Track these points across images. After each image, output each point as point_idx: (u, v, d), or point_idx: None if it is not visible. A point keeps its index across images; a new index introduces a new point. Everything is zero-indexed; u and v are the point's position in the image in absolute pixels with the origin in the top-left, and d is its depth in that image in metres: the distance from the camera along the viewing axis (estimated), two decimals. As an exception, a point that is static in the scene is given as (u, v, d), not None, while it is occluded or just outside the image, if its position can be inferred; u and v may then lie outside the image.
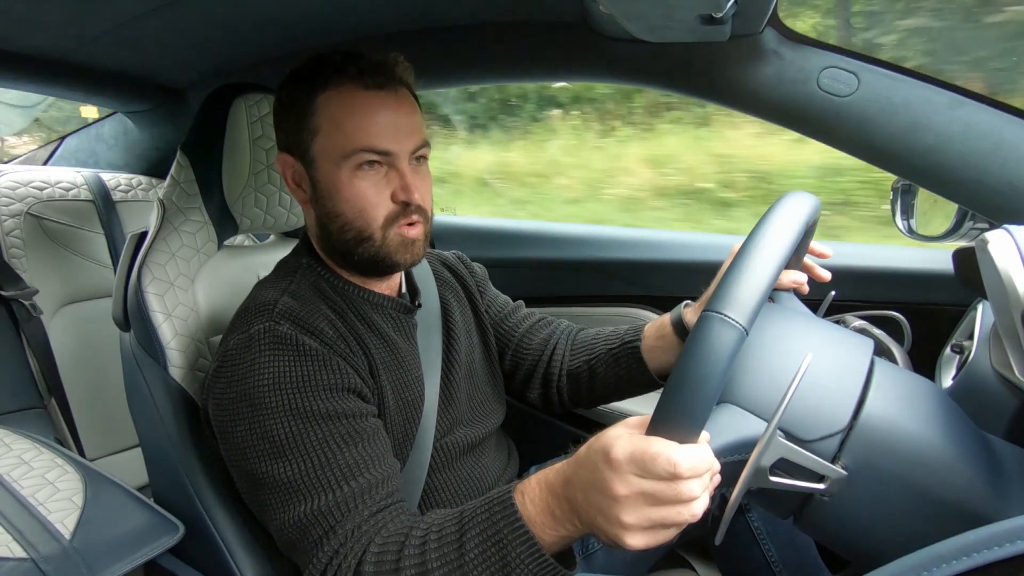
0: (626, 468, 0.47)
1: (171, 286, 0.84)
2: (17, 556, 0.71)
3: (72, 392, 1.30)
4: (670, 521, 0.48)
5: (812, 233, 0.71)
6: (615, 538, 0.49)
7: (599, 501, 0.49)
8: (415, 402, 0.77)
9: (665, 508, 0.47)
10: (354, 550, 0.60)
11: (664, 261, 1.28)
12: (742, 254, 0.48)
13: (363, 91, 0.69)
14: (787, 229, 0.50)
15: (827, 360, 0.56)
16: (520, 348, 0.95)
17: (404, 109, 0.72)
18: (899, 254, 1.14)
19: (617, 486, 0.47)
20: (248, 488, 0.68)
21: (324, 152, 0.70)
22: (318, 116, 0.70)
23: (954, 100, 0.76)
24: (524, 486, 0.56)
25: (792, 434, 0.53)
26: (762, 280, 0.46)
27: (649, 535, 0.48)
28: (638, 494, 0.47)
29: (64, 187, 1.37)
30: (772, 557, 0.89)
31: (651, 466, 0.46)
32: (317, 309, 0.71)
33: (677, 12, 0.74)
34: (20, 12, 0.92)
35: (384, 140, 0.69)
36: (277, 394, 0.64)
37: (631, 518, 0.48)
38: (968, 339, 0.80)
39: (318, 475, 0.63)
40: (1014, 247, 0.52)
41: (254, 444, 0.64)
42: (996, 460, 0.54)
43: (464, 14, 1.01)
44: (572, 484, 0.52)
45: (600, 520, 0.50)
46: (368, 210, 0.71)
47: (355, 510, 0.62)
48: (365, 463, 0.65)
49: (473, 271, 0.99)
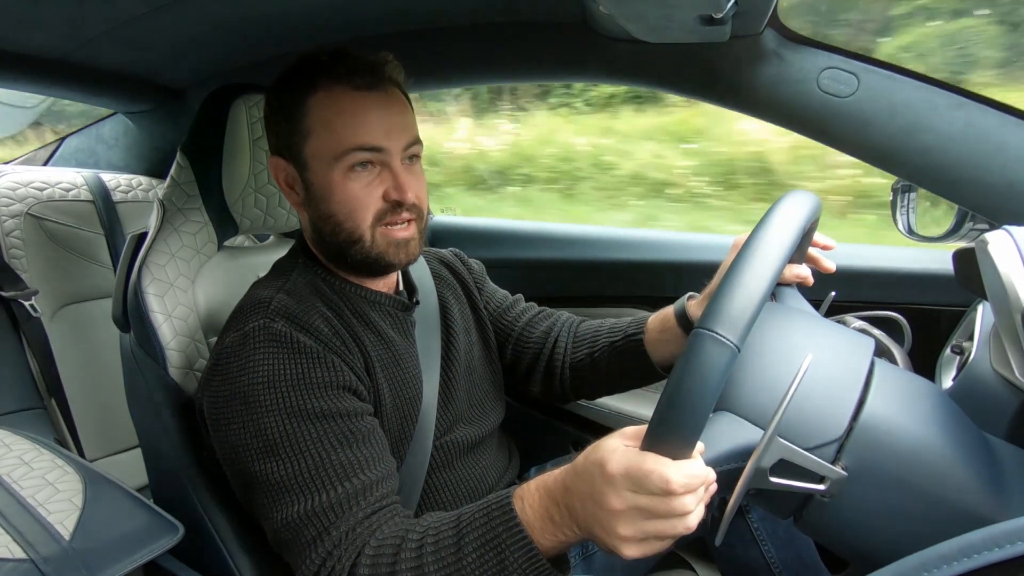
0: (620, 483, 0.48)
1: (171, 287, 0.84)
2: (17, 557, 0.70)
3: (72, 393, 1.30)
4: (664, 534, 0.49)
5: (814, 230, 0.71)
6: (612, 548, 0.50)
7: (596, 512, 0.50)
8: (413, 400, 0.77)
9: (659, 522, 0.48)
10: (348, 552, 0.60)
11: (664, 262, 1.28)
12: (736, 265, 0.48)
13: (352, 91, 0.69)
14: (783, 236, 0.50)
15: (826, 363, 0.56)
16: (521, 341, 0.94)
17: (395, 108, 0.72)
18: (899, 255, 1.14)
19: (612, 500, 0.48)
20: (242, 487, 0.68)
21: (316, 154, 0.70)
22: (309, 118, 0.70)
23: (954, 101, 0.76)
24: (523, 491, 0.56)
25: (793, 441, 0.53)
26: (755, 295, 0.46)
27: (644, 546, 0.49)
28: (632, 508, 0.48)
29: (64, 188, 1.37)
30: (771, 558, 0.89)
31: (645, 483, 0.47)
32: (313, 306, 0.71)
33: (677, 12, 0.74)
34: (20, 12, 0.92)
35: (375, 137, 0.69)
36: (272, 392, 0.64)
37: (626, 530, 0.49)
38: (968, 340, 0.80)
39: (312, 475, 0.62)
40: (1014, 248, 0.52)
41: (248, 442, 0.64)
42: (996, 461, 0.54)
43: (464, 14, 1.01)
44: (571, 492, 0.53)
45: (597, 529, 0.50)
46: (358, 211, 0.71)
47: (350, 512, 0.62)
48: (360, 464, 0.64)
49: (471, 268, 0.99)
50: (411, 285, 0.86)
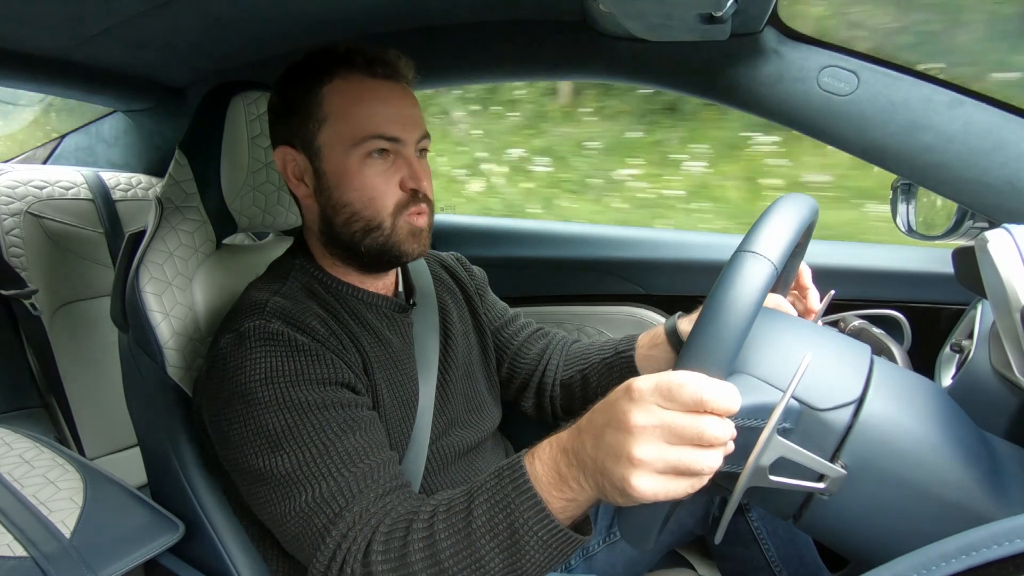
0: (648, 398, 0.45)
1: (169, 286, 0.83)
2: (18, 555, 0.71)
3: (72, 391, 1.30)
4: (684, 466, 0.45)
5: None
6: (621, 482, 0.46)
7: (611, 439, 0.46)
8: (410, 401, 0.77)
9: (683, 449, 0.45)
10: (363, 533, 0.58)
11: (664, 260, 1.28)
12: (775, 204, 0.53)
13: (371, 80, 0.71)
14: (807, 199, 0.54)
15: (831, 348, 0.57)
16: (517, 359, 0.95)
17: (408, 100, 0.73)
18: (899, 253, 1.14)
19: (635, 416, 0.45)
20: (248, 486, 0.67)
21: (332, 141, 0.71)
22: (324, 106, 0.70)
23: (954, 99, 0.76)
24: (537, 448, 0.53)
25: (807, 403, 0.53)
26: (792, 222, 0.50)
27: (659, 482, 0.45)
28: (656, 426, 0.45)
29: (64, 186, 1.37)
30: (772, 557, 0.89)
31: (676, 393, 0.44)
32: (309, 308, 0.71)
33: (677, 11, 0.74)
34: (19, 10, 0.91)
35: (393, 127, 0.70)
36: (270, 388, 0.63)
37: (645, 453, 0.45)
38: (968, 338, 0.80)
39: (317, 464, 0.61)
40: (1014, 246, 0.52)
41: (250, 440, 0.63)
42: (996, 459, 0.55)
43: (464, 12, 1.01)
44: (583, 433, 0.50)
45: (609, 463, 0.46)
46: (378, 199, 0.71)
47: (360, 494, 0.60)
48: (365, 450, 0.63)
49: (473, 274, 0.98)
50: (409, 286, 0.86)
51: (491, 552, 0.52)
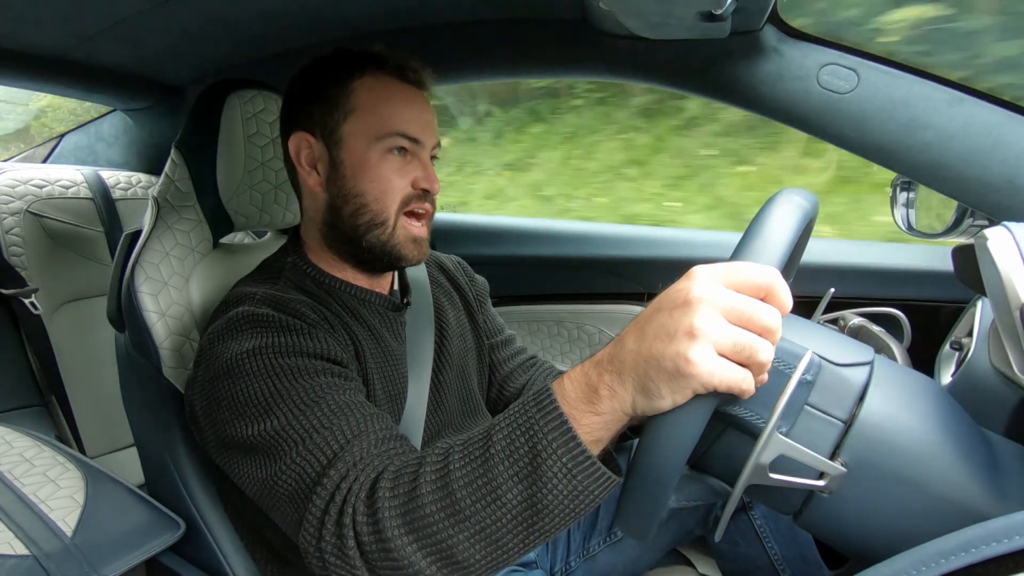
0: (712, 275, 0.43)
1: (165, 285, 0.83)
2: (19, 553, 0.71)
3: (72, 390, 1.30)
4: (744, 345, 0.41)
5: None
6: (675, 359, 0.41)
7: (663, 320, 0.43)
8: (398, 397, 0.76)
9: (742, 332, 0.42)
10: (366, 472, 0.54)
11: (663, 258, 1.28)
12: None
13: (400, 83, 0.75)
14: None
15: (836, 337, 0.58)
16: (504, 386, 0.96)
17: (429, 108, 0.78)
18: (898, 251, 1.14)
19: (696, 289, 0.42)
20: (237, 465, 0.62)
21: (356, 132, 0.73)
22: (354, 98, 0.73)
23: (954, 97, 0.76)
24: (571, 371, 0.49)
25: (827, 358, 0.53)
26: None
27: (718, 361, 0.41)
28: (717, 302, 0.42)
29: (64, 185, 1.37)
30: (775, 554, 0.89)
31: (745, 273, 0.43)
32: (301, 300, 0.71)
33: (677, 9, 0.74)
34: (19, 9, 0.91)
35: (416, 129, 0.74)
36: (258, 359, 0.61)
37: (707, 323, 0.41)
38: (967, 336, 0.80)
39: (308, 416, 0.57)
40: (1013, 244, 0.52)
41: (240, 412, 0.60)
42: (995, 457, 0.55)
43: (463, 10, 1.00)
44: (623, 338, 0.46)
45: (659, 345, 0.42)
46: (389, 192, 0.73)
47: (357, 439, 0.57)
48: (358, 404, 0.60)
49: (474, 281, 0.98)
50: (405, 285, 0.86)
51: (509, 481, 0.47)
